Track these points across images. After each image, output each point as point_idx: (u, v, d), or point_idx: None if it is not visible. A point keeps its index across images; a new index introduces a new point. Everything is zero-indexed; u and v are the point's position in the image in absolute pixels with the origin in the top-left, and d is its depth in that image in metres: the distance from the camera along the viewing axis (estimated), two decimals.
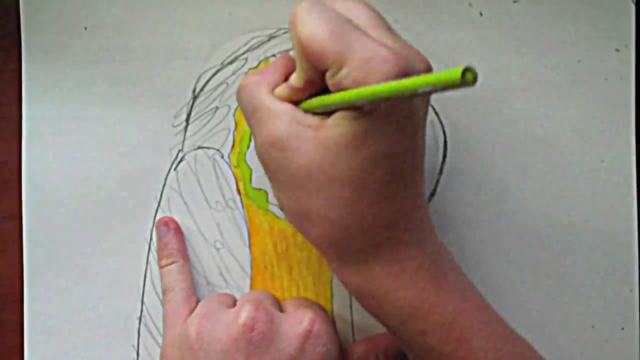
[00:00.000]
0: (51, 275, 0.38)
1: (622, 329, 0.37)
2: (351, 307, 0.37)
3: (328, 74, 0.28)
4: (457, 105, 0.37)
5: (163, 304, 0.36)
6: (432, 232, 0.31)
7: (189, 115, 0.38)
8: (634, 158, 0.37)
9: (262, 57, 0.38)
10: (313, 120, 0.29)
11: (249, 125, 0.31)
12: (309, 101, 0.30)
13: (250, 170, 0.38)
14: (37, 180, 0.38)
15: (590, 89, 0.37)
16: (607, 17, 0.37)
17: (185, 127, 0.38)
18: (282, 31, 0.38)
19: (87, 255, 0.38)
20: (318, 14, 0.28)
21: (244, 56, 0.38)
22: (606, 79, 0.37)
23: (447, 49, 0.37)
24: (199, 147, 0.38)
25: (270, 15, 0.38)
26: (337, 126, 0.28)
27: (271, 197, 0.38)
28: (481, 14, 0.37)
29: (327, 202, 0.29)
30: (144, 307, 0.38)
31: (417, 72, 0.27)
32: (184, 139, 0.38)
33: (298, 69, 0.30)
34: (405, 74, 0.26)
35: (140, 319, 0.38)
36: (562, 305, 0.37)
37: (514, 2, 0.37)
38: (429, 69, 0.29)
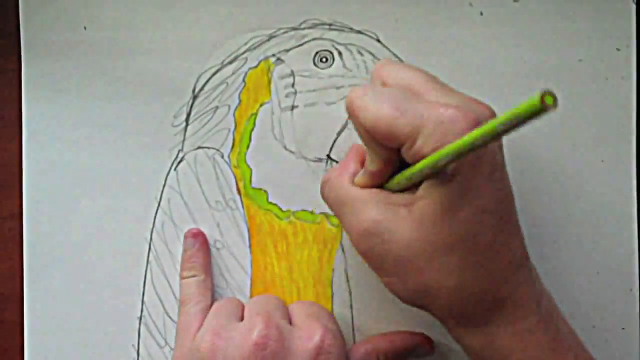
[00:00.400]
0: (51, 275, 0.38)
1: (622, 329, 0.37)
2: (351, 307, 0.37)
3: (404, 149, 0.28)
4: None
5: (178, 315, 0.36)
6: (541, 282, 0.31)
7: (188, 115, 0.38)
8: (634, 158, 0.37)
9: (262, 57, 0.38)
10: (402, 198, 0.29)
11: (340, 220, 0.31)
12: (392, 180, 0.30)
13: (250, 170, 0.38)
14: (37, 180, 0.38)
15: (591, 88, 0.37)
16: (608, 17, 0.37)
17: (185, 127, 0.38)
18: (282, 31, 0.38)
19: (87, 255, 0.38)
20: (374, 95, 0.28)
21: (243, 56, 0.38)
22: (607, 79, 0.37)
23: (448, 48, 0.37)
24: (199, 147, 0.38)
25: (270, 15, 0.38)
26: (428, 197, 0.28)
27: (271, 197, 0.38)
28: (481, 14, 0.37)
29: (440, 273, 0.28)
30: (144, 307, 0.38)
31: (486, 120, 0.27)
32: (184, 138, 0.38)
33: (370, 153, 0.30)
34: (476, 124, 0.26)
35: (140, 319, 0.38)
36: (562, 305, 0.37)
37: (515, 1, 0.37)
38: (493, 113, 0.29)
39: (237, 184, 0.38)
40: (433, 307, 0.30)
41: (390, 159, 0.29)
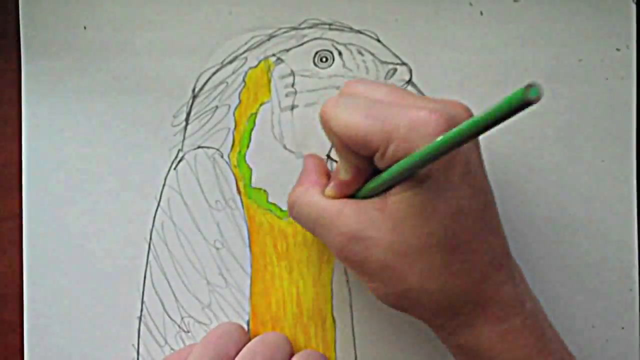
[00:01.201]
0: (51, 275, 0.38)
1: (622, 328, 0.37)
2: (351, 307, 0.37)
3: (377, 156, 0.28)
4: None
5: None
6: (527, 283, 0.31)
7: (188, 114, 0.38)
8: (634, 158, 0.37)
9: (262, 57, 0.38)
10: (374, 203, 0.29)
11: (318, 235, 0.31)
12: (366, 186, 0.30)
13: (250, 169, 0.38)
14: (37, 180, 0.38)
15: (591, 88, 0.37)
16: (608, 17, 0.37)
17: (185, 127, 0.38)
18: (282, 30, 0.38)
19: (87, 255, 0.38)
20: (346, 104, 0.29)
21: (243, 55, 0.38)
22: (607, 79, 0.37)
23: (448, 48, 0.37)
24: (199, 147, 0.38)
25: (270, 15, 0.38)
26: (402, 200, 0.28)
27: (271, 196, 0.38)
28: (482, 13, 0.37)
29: (422, 276, 0.28)
30: (144, 307, 0.38)
31: (460, 118, 0.27)
32: (184, 138, 0.38)
33: (342, 162, 0.30)
34: (450, 124, 0.26)
35: (140, 318, 0.38)
36: (562, 305, 0.37)
37: (515, 1, 0.37)
38: (468, 113, 0.29)
39: (237, 184, 0.38)
40: (417, 310, 0.30)
41: (363, 168, 0.29)
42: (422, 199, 0.27)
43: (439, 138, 0.24)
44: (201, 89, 0.38)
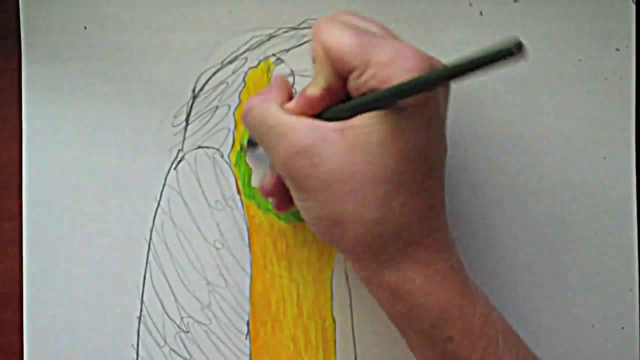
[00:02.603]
0: (51, 275, 0.38)
1: (622, 328, 0.37)
2: (351, 307, 0.37)
3: (352, 77, 0.28)
4: (457, 104, 0.37)
5: None
6: (454, 241, 0.31)
7: (188, 114, 0.38)
8: (634, 158, 0.37)
9: (262, 57, 0.38)
10: (334, 124, 0.29)
11: (265, 145, 0.31)
12: (334, 108, 0.30)
13: (250, 169, 0.38)
14: (37, 180, 0.38)
15: (591, 88, 0.37)
16: (608, 17, 0.37)
17: (185, 127, 0.38)
18: (282, 30, 0.38)
19: (87, 255, 0.38)
20: (340, 22, 0.29)
21: (243, 55, 0.38)
22: (606, 79, 0.37)
23: (448, 48, 0.37)
24: (199, 147, 0.38)
25: (270, 15, 0.38)
26: (366, 126, 0.28)
27: None
28: (481, 13, 0.37)
29: (360, 204, 0.28)
30: (143, 307, 0.38)
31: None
32: (184, 138, 0.38)
33: (317, 76, 0.30)
34: (429, 67, 0.27)
35: (140, 318, 0.38)
36: (562, 305, 0.37)
37: (515, 1, 0.37)
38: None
39: (237, 184, 0.38)
40: (347, 240, 0.29)
41: (334, 87, 0.29)
42: (384, 131, 0.28)
43: (423, 74, 0.25)
44: (201, 89, 0.38)
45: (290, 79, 0.38)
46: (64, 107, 0.38)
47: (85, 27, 0.38)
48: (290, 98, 0.32)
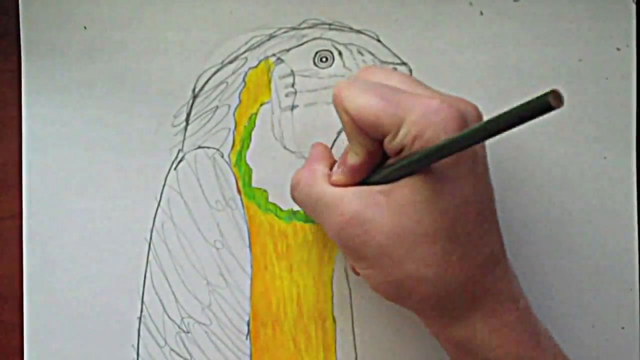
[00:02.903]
0: (51, 275, 0.38)
1: (622, 328, 0.37)
2: (351, 307, 0.37)
3: (388, 139, 0.28)
4: None
5: None
6: (519, 282, 0.31)
7: (188, 114, 0.38)
8: (634, 158, 0.37)
9: (262, 57, 0.38)
10: (380, 187, 0.29)
11: (316, 219, 0.31)
12: (373, 175, 0.30)
13: (251, 169, 0.38)
14: (37, 180, 0.38)
15: (591, 88, 0.37)
16: (608, 16, 0.37)
17: (185, 127, 0.38)
18: (282, 30, 0.38)
19: (87, 255, 0.38)
20: (361, 86, 0.29)
21: (244, 55, 0.38)
22: (607, 78, 0.37)
23: (448, 48, 0.37)
24: (199, 147, 0.38)
25: (270, 14, 0.38)
26: (411, 185, 0.28)
27: (271, 196, 0.38)
28: (481, 13, 0.37)
29: (420, 264, 0.28)
30: (143, 307, 0.38)
31: (470, 115, 0.28)
32: (184, 138, 0.38)
33: (354, 146, 0.30)
34: (460, 117, 0.27)
35: (140, 319, 0.38)
36: (562, 305, 0.37)
37: (515, 1, 0.37)
38: (478, 111, 0.29)
39: (237, 184, 0.38)
40: (413, 299, 0.29)
41: (373, 151, 0.30)
42: (429, 187, 0.28)
43: (460, 133, 0.25)
44: (201, 89, 0.38)
45: (290, 79, 0.38)
46: (63, 107, 0.38)
47: (85, 27, 0.38)
48: (333, 163, 0.32)
